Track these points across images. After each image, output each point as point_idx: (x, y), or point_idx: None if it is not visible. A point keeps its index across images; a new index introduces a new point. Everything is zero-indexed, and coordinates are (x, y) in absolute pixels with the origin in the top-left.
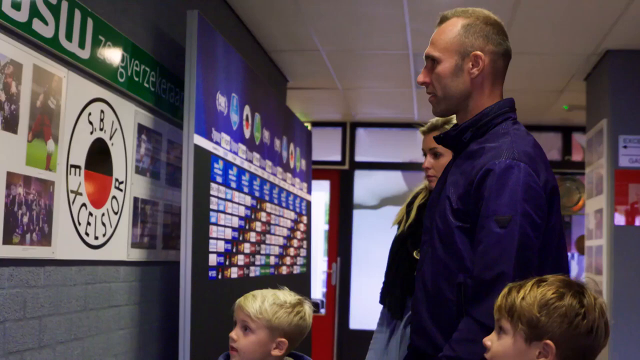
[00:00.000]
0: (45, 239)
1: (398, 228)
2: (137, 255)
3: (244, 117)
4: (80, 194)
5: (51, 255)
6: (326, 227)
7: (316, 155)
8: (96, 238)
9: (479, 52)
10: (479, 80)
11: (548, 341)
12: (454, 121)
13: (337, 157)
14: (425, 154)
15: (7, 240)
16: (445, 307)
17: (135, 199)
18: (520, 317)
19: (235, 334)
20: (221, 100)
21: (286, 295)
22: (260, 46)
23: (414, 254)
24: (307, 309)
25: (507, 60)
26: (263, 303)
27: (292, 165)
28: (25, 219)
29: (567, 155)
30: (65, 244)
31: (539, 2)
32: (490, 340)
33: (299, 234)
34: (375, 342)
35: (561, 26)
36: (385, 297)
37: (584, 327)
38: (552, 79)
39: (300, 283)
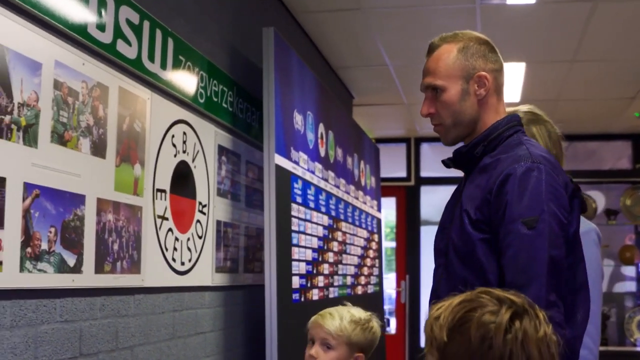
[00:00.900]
0: (134, 266)
1: None
2: (220, 279)
3: (319, 135)
4: (167, 219)
5: (141, 283)
6: (390, 244)
7: (381, 172)
8: (182, 264)
9: (482, 73)
10: (485, 100)
11: None
12: None
13: (403, 174)
14: None
15: (99, 269)
16: None
17: (218, 222)
18: (431, 341)
19: (315, 351)
20: (298, 119)
21: (359, 312)
22: (327, 63)
23: None
24: (376, 323)
25: (504, 77)
26: (342, 321)
27: (363, 183)
28: (116, 247)
29: (637, 163)
30: (153, 271)
31: (612, 11)
32: None
33: (371, 253)
34: None
35: (633, 33)
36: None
37: (490, 356)
38: (623, 87)
39: (374, 302)
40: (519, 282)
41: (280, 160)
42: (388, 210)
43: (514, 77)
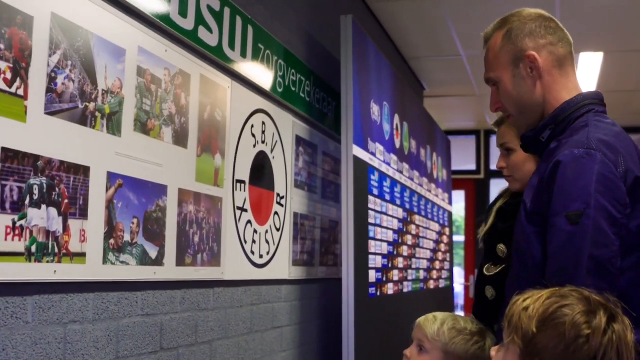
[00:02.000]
0: (215, 259)
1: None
2: (297, 273)
3: (395, 126)
4: (246, 211)
5: (220, 276)
6: (457, 238)
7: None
8: (261, 256)
9: (530, 52)
10: (544, 79)
11: None
12: None
13: (472, 166)
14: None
15: (180, 262)
16: None
17: (295, 215)
18: (516, 330)
19: (409, 352)
20: (375, 109)
21: (468, 323)
22: (399, 53)
23: (484, 269)
24: (489, 341)
25: (568, 45)
26: (442, 326)
27: (435, 176)
28: (197, 239)
29: None
30: (233, 264)
31: None
32: (494, 351)
33: (442, 246)
34: None
35: None
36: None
37: (584, 353)
38: None
39: (445, 297)
40: (556, 283)
41: (358, 152)
42: (456, 204)
43: (591, 67)
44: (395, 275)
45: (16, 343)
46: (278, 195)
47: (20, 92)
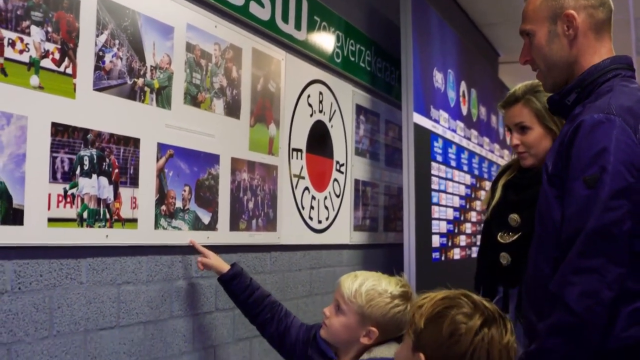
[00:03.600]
0: (270, 224)
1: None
2: (359, 238)
3: (461, 93)
4: (303, 178)
5: (277, 240)
6: None
7: None
8: (319, 222)
9: (569, 11)
10: (579, 40)
11: (420, 354)
12: (540, 89)
13: None
14: (509, 130)
15: (234, 227)
16: (543, 288)
17: (356, 182)
18: (411, 325)
19: (328, 310)
20: (438, 77)
21: (391, 284)
22: (471, 21)
23: (498, 237)
24: (412, 305)
25: (608, 12)
26: (360, 287)
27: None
28: (251, 205)
29: None
30: (290, 229)
31: None
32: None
33: None
34: None
35: None
36: (479, 283)
37: (456, 349)
38: None
39: None
40: (566, 245)
41: (419, 119)
42: None
43: None
44: (463, 240)
45: (71, 301)
46: (337, 162)
47: (69, 70)
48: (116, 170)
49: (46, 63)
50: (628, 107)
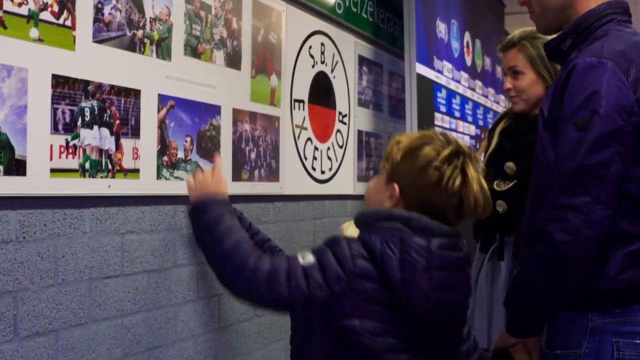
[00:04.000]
0: (273, 174)
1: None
2: (363, 188)
3: (465, 44)
4: (305, 129)
5: (280, 190)
6: None
7: None
8: (322, 172)
9: None
10: None
11: (395, 184)
12: (538, 35)
13: None
14: (506, 74)
15: (236, 177)
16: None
17: (359, 132)
18: (387, 158)
19: None
20: (441, 27)
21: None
22: None
23: (494, 185)
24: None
25: None
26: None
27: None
28: (253, 155)
29: None
30: (292, 179)
31: None
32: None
33: None
34: None
35: None
36: (477, 232)
37: (429, 177)
38: None
39: None
40: (561, 187)
41: (422, 69)
42: None
43: None
44: None
45: (75, 250)
46: (340, 113)
47: (68, 23)
48: (117, 122)
49: (45, 16)
50: (621, 51)
